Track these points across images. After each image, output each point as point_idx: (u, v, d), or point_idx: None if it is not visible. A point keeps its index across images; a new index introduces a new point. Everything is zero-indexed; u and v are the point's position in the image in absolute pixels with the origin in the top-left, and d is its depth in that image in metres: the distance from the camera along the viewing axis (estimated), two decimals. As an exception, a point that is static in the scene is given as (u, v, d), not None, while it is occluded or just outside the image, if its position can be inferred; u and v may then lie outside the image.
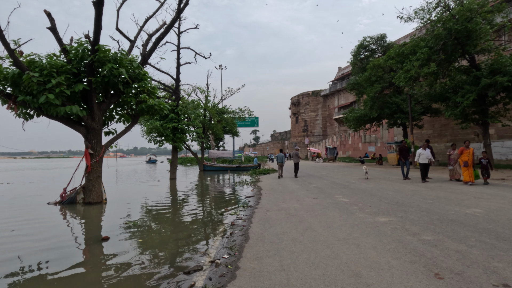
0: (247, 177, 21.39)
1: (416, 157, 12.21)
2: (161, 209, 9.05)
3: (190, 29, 18.79)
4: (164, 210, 8.92)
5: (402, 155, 13.27)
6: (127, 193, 13.35)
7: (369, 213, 6.53)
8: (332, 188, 11.16)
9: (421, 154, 12.03)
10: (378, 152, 39.56)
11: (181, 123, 17.86)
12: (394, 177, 14.68)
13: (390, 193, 9.19)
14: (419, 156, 12.08)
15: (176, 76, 18.85)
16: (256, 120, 56.19)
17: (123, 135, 10.10)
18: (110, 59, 8.73)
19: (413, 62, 15.94)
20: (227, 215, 7.67)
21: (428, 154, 11.93)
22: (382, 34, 27.22)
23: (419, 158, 12.06)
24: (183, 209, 9.10)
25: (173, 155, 18.82)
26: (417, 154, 12.17)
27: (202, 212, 8.35)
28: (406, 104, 23.65)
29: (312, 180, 14.34)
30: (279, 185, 13.11)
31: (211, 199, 11.07)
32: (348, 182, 12.99)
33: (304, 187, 11.82)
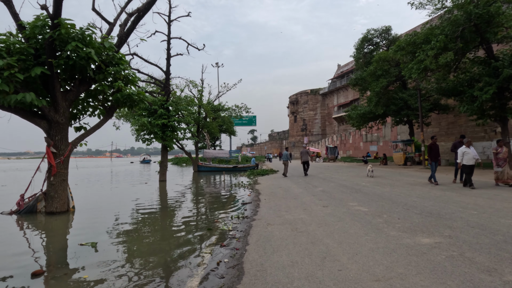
0: (244, 178, 19.82)
1: (459, 157, 9.81)
2: (136, 221, 7.45)
3: (181, 17, 17.21)
4: (140, 223, 7.32)
5: (432, 155, 10.59)
6: (106, 198, 11.74)
7: (402, 229, 4.97)
8: (342, 192, 9.60)
9: (466, 154, 9.61)
10: (381, 151, 38.11)
11: (172, 119, 16.25)
12: (408, 179, 13.15)
13: (415, 200, 7.64)
14: (462, 155, 9.68)
15: (166, 68, 17.25)
16: (254, 119, 54.68)
17: (94, 131, 8.48)
18: (74, 36, 7.12)
19: (427, 51, 14.42)
20: (217, 230, 6.09)
21: (474, 153, 9.59)
22: (387, 27, 25.71)
23: (462, 159, 9.68)
24: (164, 221, 7.50)
25: (162, 154, 17.19)
26: (459, 153, 9.83)
27: (185, 226, 6.76)
28: (414, 100, 22.16)
29: (317, 182, 12.78)
30: (279, 188, 11.55)
31: (201, 207, 9.48)
32: (358, 184, 11.44)
33: (309, 191, 10.26)
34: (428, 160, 10.83)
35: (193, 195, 12.38)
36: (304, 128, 72.38)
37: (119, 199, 11.34)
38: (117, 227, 6.66)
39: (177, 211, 8.72)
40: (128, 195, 12.40)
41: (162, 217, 7.81)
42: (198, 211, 8.73)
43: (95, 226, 6.87)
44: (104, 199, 11.42)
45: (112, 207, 9.43)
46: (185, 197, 11.62)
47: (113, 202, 10.64)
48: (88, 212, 8.49)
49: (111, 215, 8.00)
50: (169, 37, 17.32)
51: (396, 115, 23.39)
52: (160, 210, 8.81)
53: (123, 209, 8.97)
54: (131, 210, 8.74)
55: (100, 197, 11.83)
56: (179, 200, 10.89)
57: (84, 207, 9.16)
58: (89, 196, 12.10)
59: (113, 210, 8.89)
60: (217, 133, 28.91)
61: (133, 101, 8.65)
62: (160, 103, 16.51)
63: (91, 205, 9.81)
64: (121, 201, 10.70)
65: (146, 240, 5.66)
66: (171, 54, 17.39)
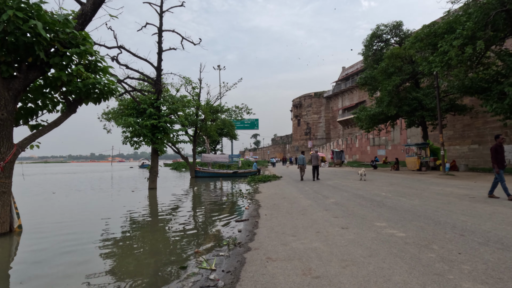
0: (244, 185, 18.02)
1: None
2: (94, 247, 5.68)
3: (174, 7, 15.56)
4: (97, 250, 5.55)
5: (499, 160, 7.96)
6: (75, 212, 9.97)
7: (477, 277, 3.15)
8: (361, 206, 7.76)
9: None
10: (390, 156, 36.16)
11: (162, 120, 14.52)
12: (434, 187, 11.28)
13: (464, 220, 5.79)
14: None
15: (157, 64, 15.57)
16: (256, 122, 52.96)
17: (49, 130, 6.73)
18: (13, 4, 5.42)
19: (451, 41, 12.63)
20: (194, 269, 4.31)
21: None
22: (398, 22, 23.93)
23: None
24: (130, 248, 5.72)
25: (152, 159, 15.44)
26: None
27: (153, 259, 4.98)
28: (429, 99, 20.32)
29: (327, 192, 10.95)
30: (283, 199, 9.75)
31: (185, 224, 7.69)
32: (377, 195, 9.60)
33: (320, 204, 8.44)
34: (494, 167, 8.03)
35: (181, 207, 10.60)
36: (308, 132, 70.52)
37: (89, 213, 9.57)
38: (75, 251, 4.89)
39: (152, 232, 6.93)
40: (104, 207, 10.65)
41: (129, 243, 6.03)
42: (178, 231, 6.93)
43: (37, 254, 5.11)
44: (72, 213, 9.64)
45: (75, 225, 7.66)
46: (171, 210, 9.84)
47: (80, 217, 8.86)
48: (42, 231, 6.73)
49: (66, 237, 6.24)
50: (161, 30, 15.66)
51: (410, 116, 21.55)
52: (132, 230, 7.03)
53: (86, 227, 7.22)
54: (91, 229, 6.98)
55: (69, 211, 10.06)
56: (162, 214, 9.11)
57: (39, 225, 7.42)
58: (56, 209, 10.34)
59: (74, 229, 7.13)
60: (216, 137, 27.15)
61: (101, 93, 6.92)
62: (150, 101, 14.81)
63: (50, 222, 8.05)
64: (90, 216, 8.92)
65: (100, 283, 3.87)
66: (163, 48, 15.72)
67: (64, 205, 11.14)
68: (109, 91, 7.01)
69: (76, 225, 7.61)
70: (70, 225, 7.58)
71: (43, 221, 8.03)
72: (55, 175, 33.02)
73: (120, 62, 14.91)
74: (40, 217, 8.76)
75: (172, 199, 12.41)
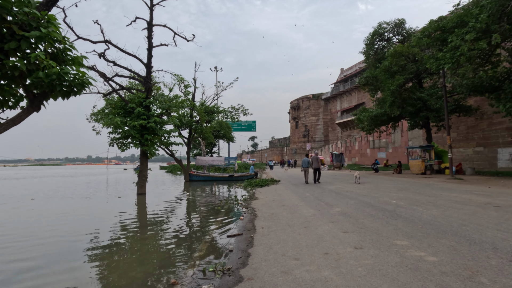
0: (240, 190, 17.00)
1: None
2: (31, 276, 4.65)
3: (165, 0, 14.57)
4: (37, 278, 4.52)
5: None
6: (47, 225, 8.92)
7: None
8: (373, 217, 6.75)
9: None
10: (391, 159, 35.28)
11: (152, 120, 13.48)
12: (449, 194, 10.30)
13: (507, 238, 4.79)
14: None
15: (146, 61, 14.55)
16: (254, 124, 52.00)
17: (7, 129, 5.68)
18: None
19: (463, 36, 11.71)
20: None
21: None
22: (400, 20, 23.06)
23: None
24: (90, 275, 4.69)
25: (141, 162, 14.37)
26: None
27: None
28: (434, 100, 19.42)
29: (330, 198, 9.94)
30: (283, 207, 8.73)
31: (166, 239, 6.66)
32: (387, 203, 8.60)
33: (324, 213, 7.43)
34: None
35: (168, 217, 9.55)
36: (306, 134, 69.66)
37: (60, 226, 8.52)
38: None
39: (125, 251, 5.90)
40: (81, 217, 9.58)
41: (94, 264, 4.99)
42: (160, 248, 5.90)
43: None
44: (39, 226, 8.59)
45: (38, 238, 6.62)
46: (155, 220, 8.80)
47: (48, 234, 7.81)
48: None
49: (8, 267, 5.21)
50: (151, 24, 14.65)
51: (413, 118, 20.62)
52: (101, 249, 6.00)
53: (47, 249, 6.18)
54: (55, 246, 5.94)
55: (35, 222, 9.00)
56: (144, 225, 8.07)
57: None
58: (22, 219, 9.27)
59: (28, 245, 6.09)
60: (211, 139, 26.10)
61: (70, 86, 5.89)
62: (139, 100, 13.78)
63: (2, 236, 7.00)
64: (59, 231, 7.88)
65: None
66: (153, 44, 14.71)
67: (34, 215, 10.07)
68: (80, 84, 5.97)
69: (36, 246, 6.56)
70: (28, 240, 6.53)
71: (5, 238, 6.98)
72: (42, 179, 31.81)
73: (108, 59, 13.92)
74: (8, 230, 7.70)
75: (161, 207, 11.36)
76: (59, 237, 6.95)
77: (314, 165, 16.16)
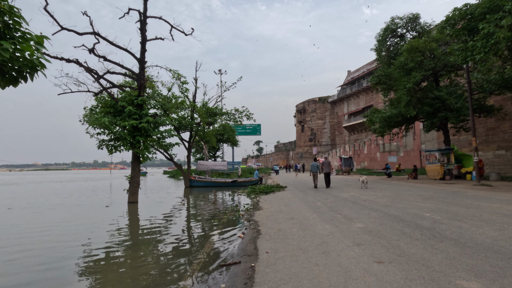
0: (243, 197, 15.55)
1: None
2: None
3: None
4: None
5: None
6: (7, 243, 7.56)
7: None
8: (408, 237, 5.25)
9: None
10: (403, 163, 33.54)
11: (144, 120, 12.12)
12: (489, 204, 8.71)
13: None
14: None
15: (140, 55, 13.25)
16: (259, 128, 50.59)
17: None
18: None
19: (496, 22, 10.20)
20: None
21: None
22: (414, 14, 21.56)
23: None
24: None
25: (133, 166, 12.98)
26: None
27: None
28: (454, 99, 17.84)
29: (347, 210, 8.42)
30: (291, 221, 7.25)
31: (145, 274, 5.22)
32: (419, 216, 7.07)
33: (343, 230, 5.95)
34: None
35: (152, 232, 8.13)
36: (312, 138, 68.03)
37: (24, 246, 7.14)
38: None
39: (100, 282, 4.47)
40: (53, 231, 8.19)
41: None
42: (135, 284, 4.46)
43: None
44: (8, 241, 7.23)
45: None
46: (138, 239, 7.38)
47: (14, 247, 6.43)
48: None
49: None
50: (145, 16, 13.37)
51: (431, 118, 19.00)
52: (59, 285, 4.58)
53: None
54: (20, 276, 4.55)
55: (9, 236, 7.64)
56: (123, 244, 6.64)
57: None
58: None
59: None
60: (214, 143, 24.72)
61: (17, 70, 4.52)
62: (130, 98, 12.45)
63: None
64: (19, 252, 6.49)
65: None
66: (147, 37, 13.42)
67: (8, 228, 8.72)
68: (30, 67, 4.60)
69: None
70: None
71: None
72: (40, 184, 30.68)
73: (99, 54, 12.67)
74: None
75: (150, 220, 9.94)
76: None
77: (325, 170, 15.85)
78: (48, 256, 5.83)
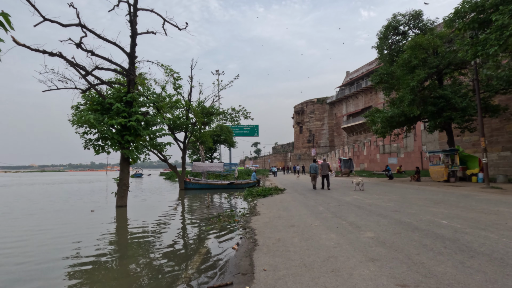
0: (240, 200, 14.75)
1: None
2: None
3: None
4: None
5: None
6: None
7: None
8: (430, 250, 4.47)
9: None
10: (404, 165, 32.86)
11: (133, 118, 11.30)
12: (509, 210, 7.98)
13: None
14: None
15: (129, 50, 12.46)
16: (256, 129, 49.83)
17: None
18: None
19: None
20: None
21: None
22: (417, 11, 20.89)
23: None
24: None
25: (121, 168, 12.14)
26: None
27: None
28: (459, 98, 17.15)
29: (353, 216, 7.64)
30: (292, 228, 6.47)
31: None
32: (435, 224, 6.31)
33: (352, 240, 5.17)
34: None
35: (136, 241, 7.32)
36: (310, 140, 67.31)
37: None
38: None
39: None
40: (27, 242, 7.35)
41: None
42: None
43: None
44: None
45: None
46: (119, 252, 6.56)
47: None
48: None
49: None
50: (135, 8, 12.59)
51: (435, 118, 18.28)
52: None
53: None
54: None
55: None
56: (98, 261, 5.81)
57: None
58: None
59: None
60: (210, 144, 23.90)
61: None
62: (118, 95, 11.64)
63: None
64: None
65: None
66: (137, 30, 12.63)
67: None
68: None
69: None
70: None
71: None
72: (30, 186, 29.71)
73: (86, 48, 11.86)
74: None
75: (137, 226, 9.12)
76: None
77: (323, 172, 15.78)
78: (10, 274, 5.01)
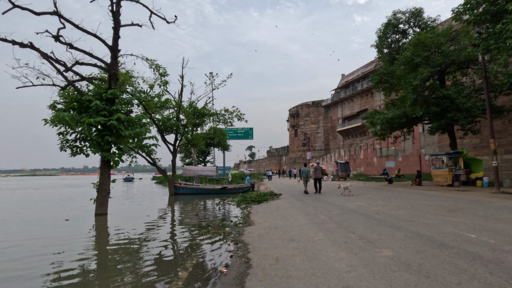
0: (233, 207, 13.66)
1: None
2: None
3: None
4: None
5: None
6: None
7: None
8: (476, 280, 3.46)
9: None
10: (403, 168, 32.05)
11: (114, 117, 10.18)
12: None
13: None
14: None
15: (112, 43, 11.37)
16: (251, 132, 48.82)
17: None
18: None
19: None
20: None
21: None
22: (417, 9, 20.16)
23: None
24: None
25: (101, 172, 10.98)
26: None
27: None
28: (463, 97, 16.35)
29: (360, 226, 6.62)
30: (291, 243, 5.42)
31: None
32: (463, 238, 5.32)
33: (369, 262, 4.13)
34: None
35: (108, 266, 6.21)
36: (306, 143, 66.46)
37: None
38: None
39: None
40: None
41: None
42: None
43: None
44: None
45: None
46: (84, 275, 5.45)
47: None
48: None
49: None
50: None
51: (439, 119, 17.43)
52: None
53: None
54: None
55: None
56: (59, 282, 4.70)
57: None
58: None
59: None
60: (202, 146, 22.80)
61: None
62: (98, 91, 10.53)
63: None
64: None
65: None
66: (120, 22, 11.55)
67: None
68: None
69: None
70: None
71: None
72: (13, 191, 28.25)
73: (64, 41, 10.76)
74: None
75: (116, 241, 8.00)
76: None
77: (316, 175, 15.65)
78: None
